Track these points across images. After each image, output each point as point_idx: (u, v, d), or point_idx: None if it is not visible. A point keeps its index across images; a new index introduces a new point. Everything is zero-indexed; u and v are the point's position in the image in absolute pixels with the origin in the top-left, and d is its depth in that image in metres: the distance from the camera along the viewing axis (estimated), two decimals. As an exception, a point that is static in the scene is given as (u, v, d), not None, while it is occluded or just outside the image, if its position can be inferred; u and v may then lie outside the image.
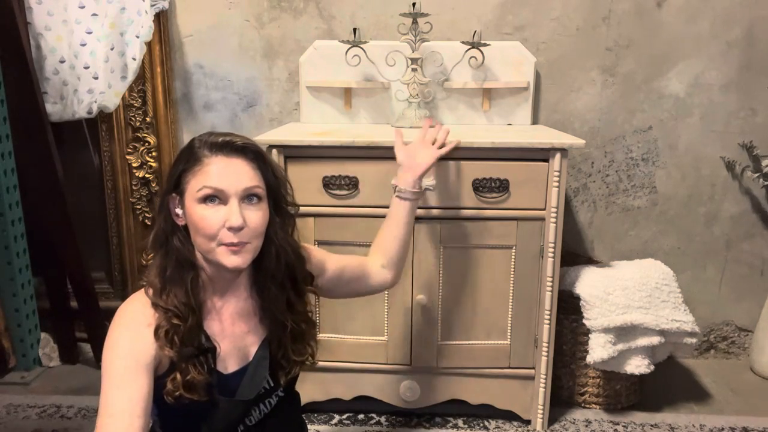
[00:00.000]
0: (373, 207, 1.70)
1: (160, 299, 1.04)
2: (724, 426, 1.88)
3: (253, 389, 1.13)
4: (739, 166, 2.17)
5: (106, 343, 1.02)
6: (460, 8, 2.10)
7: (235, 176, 1.03)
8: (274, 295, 1.13)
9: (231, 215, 1.02)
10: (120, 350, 1.00)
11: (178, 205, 1.07)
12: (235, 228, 1.02)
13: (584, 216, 2.24)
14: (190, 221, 1.05)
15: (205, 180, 1.02)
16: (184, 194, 1.05)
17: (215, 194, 1.02)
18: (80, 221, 2.15)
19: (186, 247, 1.07)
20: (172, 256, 1.07)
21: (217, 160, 1.04)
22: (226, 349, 1.10)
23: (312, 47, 2.09)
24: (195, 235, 1.06)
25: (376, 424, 1.86)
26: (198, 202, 1.03)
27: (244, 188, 1.04)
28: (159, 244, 1.09)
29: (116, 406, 0.96)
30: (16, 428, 1.86)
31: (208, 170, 1.03)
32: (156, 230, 1.10)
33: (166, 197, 1.09)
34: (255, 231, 1.05)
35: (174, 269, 1.06)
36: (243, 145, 1.06)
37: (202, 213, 1.03)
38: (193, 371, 1.03)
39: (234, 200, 1.03)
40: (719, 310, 2.29)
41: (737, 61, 2.10)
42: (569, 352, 1.93)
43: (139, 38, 2.00)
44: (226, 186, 1.02)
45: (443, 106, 2.12)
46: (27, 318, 2.17)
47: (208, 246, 1.04)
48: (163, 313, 1.03)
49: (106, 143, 2.21)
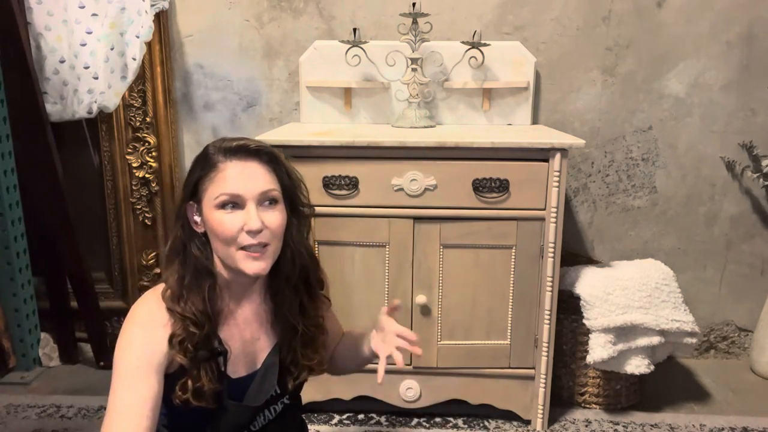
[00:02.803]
0: (373, 207, 1.70)
1: (177, 306, 1.05)
2: (724, 426, 1.88)
3: (262, 395, 1.13)
4: (739, 166, 2.17)
5: (119, 342, 1.03)
6: (460, 8, 2.10)
7: (251, 180, 1.04)
8: (287, 297, 1.13)
9: (249, 219, 1.02)
10: (133, 350, 1.01)
11: (196, 212, 1.08)
12: (254, 231, 1.02)
13: (584, 216, 2.24)
14: (208, 227, 1.06)
15: (222, 186, 1.03)
16: (201, 201, 1.06)
17: (232, 200, 1.03)
18: (80, 221, 2.15)
19: (204, 254, 1.08)
20: (190, 264, 1.07)
21: (232, 165, 1.04)
22: (236, 353, 1.11)
23: (312, 47, 2.09)
24: (214, 240, 1.06)
25: (376, 424, 1.86)
26: (216, 208, 1.04)
27: (260, 192, 1.04)
28: (176, 252, 1.09)
29: (125, 405, 0.96)
30: (16, 428, 1.86)
31: (224, 176, 1.04)
32: (173, 238, 1.10)
33: (183, 205, 1.09)
34: (274, 232, 1.06)
35: (192, 277, 1.07)
36: (257, 148, 1.07)
37: (220, 218, 1.03)
38: (204, 378, 1.03)
39: (251, 204, 1.03)
40: (719, 310, 2.29)
41: (737, 61, 2.10)
42: (569, 352, 1.93)
43: (139, 38, 2.00)
44: (243, 191, 1.03)
45: (443, 106, 2.12)
46: (27, 318, 2.17)
47: (228, 251, 1.04)
48: (179, 320, 1.03)
49: (106, 143, 2.21)
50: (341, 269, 1.74)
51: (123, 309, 2.24)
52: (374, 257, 1.74)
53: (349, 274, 1.74)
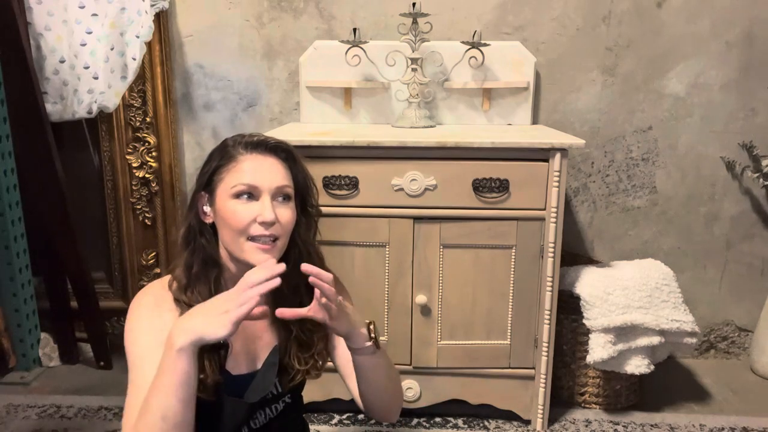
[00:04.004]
0: (373, 207, 1.70)
1: (184, 295, 1.07)
2: (724, 426, 1.88)
3: (259, 393, 1.13)
4: (739, 166, 2.17)
5: (127, 329, 1.05)
6: (460, 8, 2.10)
7: (268, 174, 1.07)
8: (285, 297, 1.13)
9: (264, 210, 1.04)
10: (143, 332, 1.03)
11: (206, 203, 1.10)
12: (267, 222, 1.04)
13: (584, 216, 2.24)
14: (220, 216, 1.07)
15: (240, 177, 1.06)
16: (214, 192, 1.08)
17: (249, 190, 1.05)
18: (80, 221, 2.15)
19: (212, 245, 1.10)
20: (198, 254, 1.09)
21: (251, 157, 1.07)
22: (237, 349, 1.11)
23: (312, 47, 2.09)
24: (224, 230, 1.07)
25: (376, 424, 1.86)
26: (231, 197, 1.06)
27: (276, 186, 1.07)
28: (188, 240, 1.11)
29: (145, 381, 0.96)
30: (16, 428, 1.86)
31: (242, 167, 1.06)
32: (186, 227, 1.12)
33: (196, 195, 1.11)
34: (285, 227, 1.07)
35: (200, 267, 1.09)
36: (276, 145, 1.11)
37: (234, 207, 1.05)
38: (207, 368, 1.03)
39: (266, 196, 1.06)
40: (719, 310, 2.29)
41: (737, 61, 2.10)
42: (569, 352, 1.93)
43: (139, 38, 2.00)
44: (260, 183, 1.05)
45: (443, 106, 2.12)
46: (27, 318, 2.17)
47: (237, 241, 1.05)
48: (186, 309, 1.05)
49: (106, 143, 2.21)
50: (341, 269, 1.74)
51: (123, 309, 2.24)
52: (374, 257, 1.74)
53: (349, 274, 1.74)
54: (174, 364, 0.91)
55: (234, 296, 0.93)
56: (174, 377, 0.91)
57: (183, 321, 0.94)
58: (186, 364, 0.92)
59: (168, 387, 0.91)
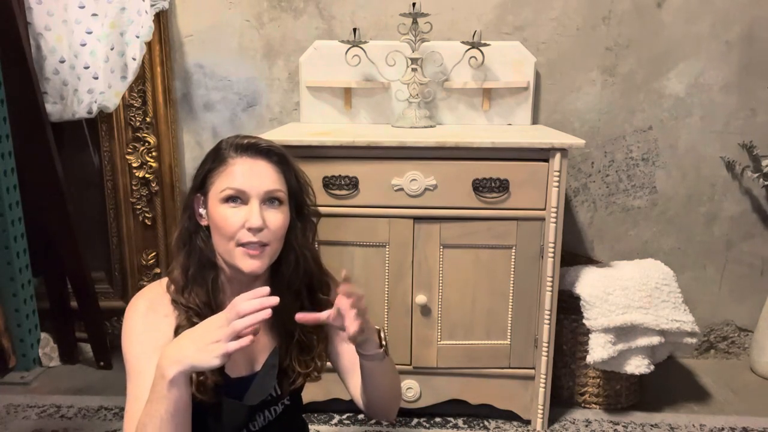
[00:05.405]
0: (373, 207, 1.70)
1: (181, 297, 1.06)
2: (724, 426, 1.88)
3: (259, 395, 1.13)
4: (739, 166, 2.17)
5: (124, 335, 1.05)
6: (460, 8, 2.10)
7: (257, 178, 1.05)
8: (287, 302, 1.12)
9: (251, 215, 1.03)
10: (139, 339, 1.03)
11: (202, 205, 1.09)
12: (254, 228, 1.03)
13: (584, 216, 2.24)
14: (211, 221, 1.07)
15: (229, 181, 1.04)
16: (208, 194, 1.07)
17: (237, 195, 1.04)
18: (80, 221, 2.15)
19: (208, 247, 1.09)
20: (195, 256, 1.09)
21: (241, 161, 1.06)
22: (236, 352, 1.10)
23: (312, 47, 2.09)
24: (216, 235, 1.07)
25: (376, 424, 1.86)
26: (221, 202, 1.05)
27: (265, 191, 1.05)
28: (182, 242, 1.11)
29: (141, 391, 0.97)
30: (16, 428, 1.86)
31: (232, 171, 1.05)
32: (180, 229, 1.11)
33: (191, 197, 1.10)
34: (275, 233, 1.06)
35: (196, 269, 1.08)
36: (268, 148, 1.09)
37: (223, 212, 1.04)
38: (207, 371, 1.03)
39: (255, 201, 1.04)
40: (719, 310, 2.29)
41: (737, 61, 2.10)
42: (569, 352, 1.93)
43: (139, 38, 2.00)
44: (248, 187, 1.04)
45: (443, 106, 2.12)
46: (27, 318, 2.17)
47: (227, 246, 1.05)
48: (183, 311, 1.05)
49: (106, 143, 2.21)
50: (341, 269, 1.73)
51: (123, 309, 2.21)
52: (374, 257, 1.74)
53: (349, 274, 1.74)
54: (167, 395, 0.91)
55: (224, 323, 0.90)
56: (169, 406, 0.91)
57: (173, 349, 0.92)
58: (179, 392, 0.91)
59: (164, 415, 0.91)
